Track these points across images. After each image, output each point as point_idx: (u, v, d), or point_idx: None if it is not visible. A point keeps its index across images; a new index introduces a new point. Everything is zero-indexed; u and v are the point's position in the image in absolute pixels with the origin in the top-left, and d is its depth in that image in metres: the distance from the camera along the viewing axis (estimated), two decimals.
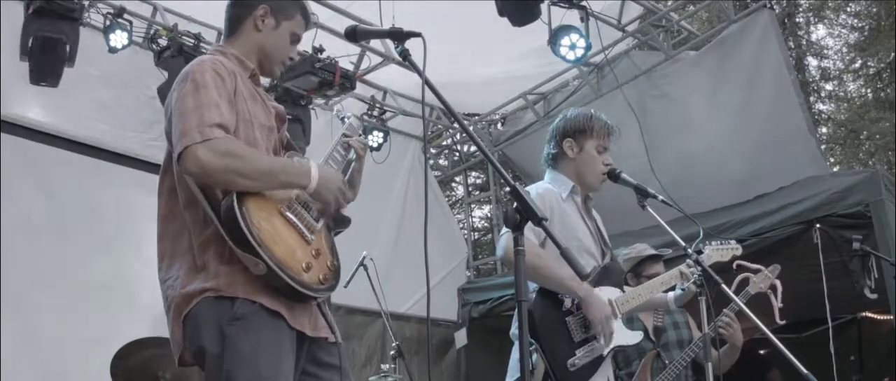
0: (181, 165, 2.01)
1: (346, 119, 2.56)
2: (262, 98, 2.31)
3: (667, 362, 3.93)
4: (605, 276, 3.01)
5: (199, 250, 2.06)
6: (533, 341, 2.77)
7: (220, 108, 2.06)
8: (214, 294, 2.01)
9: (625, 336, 2.99)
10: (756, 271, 3.80)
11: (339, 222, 2.35)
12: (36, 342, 5.07)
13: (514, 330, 2.85)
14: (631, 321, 3.60)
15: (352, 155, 2.42)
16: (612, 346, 2.89)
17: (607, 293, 2.96)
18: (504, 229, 2.74)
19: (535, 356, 2.77)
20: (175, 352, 2.11)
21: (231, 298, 2.01)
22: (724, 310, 3.68)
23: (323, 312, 2.17)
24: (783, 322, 3.70)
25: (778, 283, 3.76)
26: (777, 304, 3.71)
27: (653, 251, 4.09)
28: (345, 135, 2.42)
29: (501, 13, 5.58)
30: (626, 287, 3.09)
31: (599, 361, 2.85)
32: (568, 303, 2.87)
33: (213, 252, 2.04)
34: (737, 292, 3.63)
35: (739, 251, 3.42)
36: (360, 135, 2.55)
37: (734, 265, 3.79)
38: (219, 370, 1.98)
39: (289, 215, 2.11)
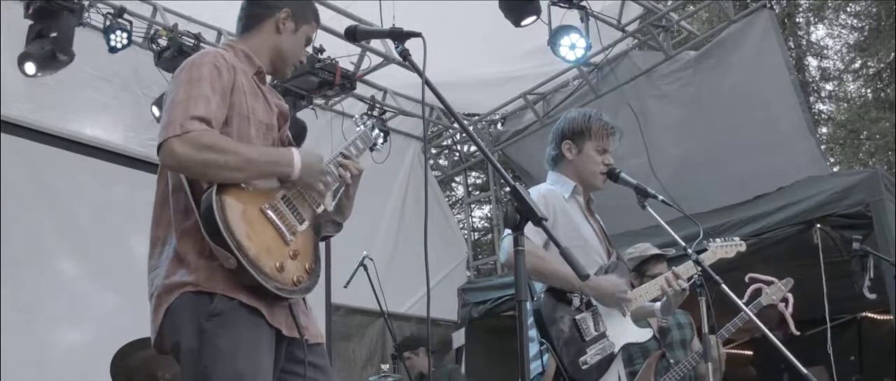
0: (159, 158, 2.03)
1: (361, 127, 2.48)
2: (265, 95, 2.31)
3: (671, 361, 3.93)
4: (613, 274, 3.01)
5: (179, 238, 2.07)
6: (543, 340, 2.78)
7: (209, 102, 2.07)
8: (194, 289, 2.01)
9: (635, 334, 3.00)
10: (769, 283, 3.80)
11: (329, 227, 2.32)
12: (36, 342, 5.07)
13: (530, 332, 2.85)
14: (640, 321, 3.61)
15: (348, 178, 2.33)
16: (622, 344, 2.91)
17: None
18: (506, 232, 2.74)
19: (546, 356, 2.77)
20: (152, 336, 2.11)
21: (210, 293, 2.01)
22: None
23: (293, 314, 2.15)
24: (798, 333, 3.72)
25: (790, 296, 3.76)
26: (789, 314, 3.72)
27: (656, 251, 4.08)
28: (343, 154, 2.35)
29: (506, 15, 5.60)
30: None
31: (610, 358, 2.86)
32: (577, 301, 2.88)
33: (192, 244, 2.04)
34: (749, 303, 3.64)
35: (743, 248, 3.42)
36: (372, 144, 2.52)
37: (747, 278, 3.80)
38: (196, 365, 1.98)
39: (270, 213, 2.10)
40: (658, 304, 3.19)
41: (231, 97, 2.15)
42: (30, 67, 5.24)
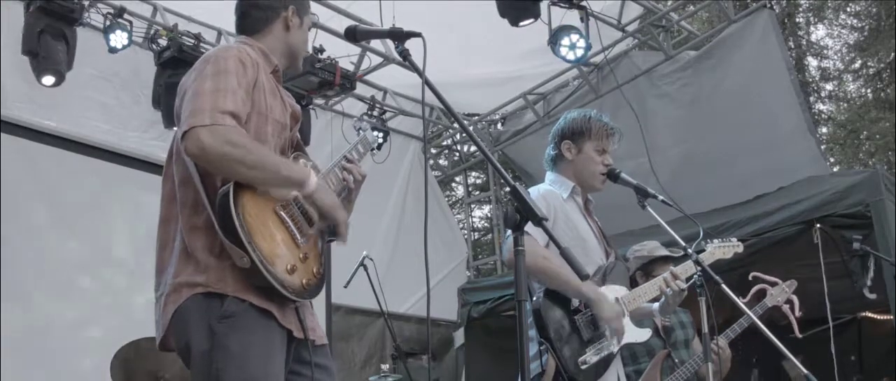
0: (183, 144, 1.98)
1: (361, 131, 2.48)
2: (282, 95, 2.30)
3: (676, 360, 3.93)
4: (611, 274, 3.01)
5: (188, 234, 2.05)
6: (543, 340, 2.78)
7: (236, 96, 2.04)
8: (204, 290, 2.00)
9: (634, 334, 3.01)
10: (773, 284, 3.80)
11: (333, 232, 2.33)
12: (36, 342, 5.07)
13: (530, 332, 2.85)
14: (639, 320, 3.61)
15: (352, 182, 2.35)
16: (621, 344, 2.90)
17: (614, 292, 2.96)
18: (508, 232, 2.75)
19: (545, 356, 2.77)
20: (158, 335, 2.10)
21: (220, 295, 1.99)
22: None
23: (300, 316, 2.14)
24: (801, 336, 3.72)
25: (794, 298, 3.76)
26: (794, 318, 3.72)
27: (664, 252, 4.07)
28: (347, 159, 2.35)
29: (502, 14, 5.59)
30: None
31: (610, 358, 2.86)
32: (576, 301, 2.88)
33: (202, 241, 2.03)
34: (754, 304, 3.64)
35: (741, 249, 3.42)
36: (372, 149, 2.53)
37: (751, 276, 3.79)
38: (207, 367, 1.96)
39: (282, 214, 2.09)
40: (656, 304, 3.19)
41: (252, 94, 2.13)
42: (48, 80, 5.28)
